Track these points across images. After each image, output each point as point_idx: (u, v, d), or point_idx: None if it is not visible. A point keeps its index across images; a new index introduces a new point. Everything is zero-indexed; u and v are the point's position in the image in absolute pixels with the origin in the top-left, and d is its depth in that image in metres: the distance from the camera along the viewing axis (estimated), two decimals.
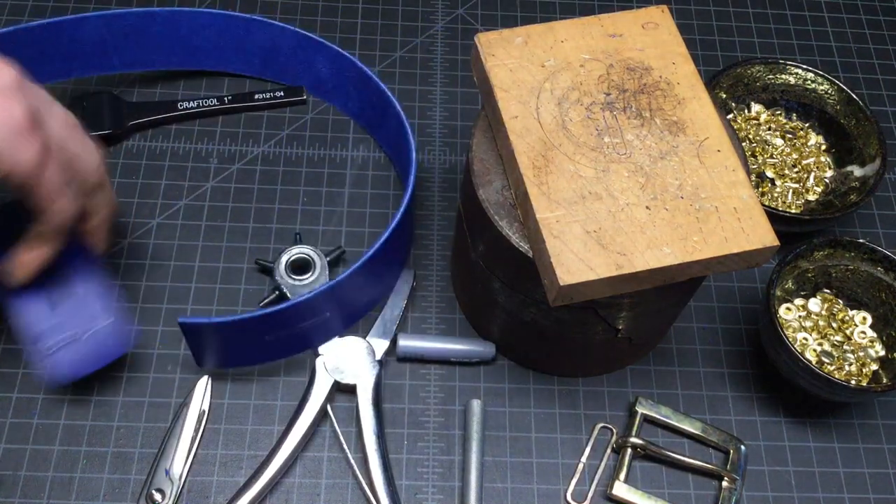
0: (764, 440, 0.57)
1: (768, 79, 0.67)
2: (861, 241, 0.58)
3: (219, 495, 0.53)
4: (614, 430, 0.56)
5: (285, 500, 0.53)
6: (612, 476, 0.55)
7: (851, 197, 0.63)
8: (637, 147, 0.46)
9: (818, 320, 0.60)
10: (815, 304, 0.60)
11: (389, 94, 0.61)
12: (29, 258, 0.49)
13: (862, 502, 0.56)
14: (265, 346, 0.55)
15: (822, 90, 0.66)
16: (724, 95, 0.67)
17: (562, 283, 0.42)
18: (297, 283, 0.58)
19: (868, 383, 0.57)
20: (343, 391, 0.56)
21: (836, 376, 0.55)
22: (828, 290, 0.61)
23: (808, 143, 0.68)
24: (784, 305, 0.60)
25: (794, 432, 0.58)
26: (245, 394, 0.57)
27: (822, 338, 0.59)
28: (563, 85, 0.48)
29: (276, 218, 0.63)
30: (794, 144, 0.67)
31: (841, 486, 0.56)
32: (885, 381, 0.56)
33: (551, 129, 0.46)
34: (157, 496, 0.52)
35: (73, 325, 0.53)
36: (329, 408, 0.55)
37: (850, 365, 0.58)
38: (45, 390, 0.56)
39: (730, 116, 0.68)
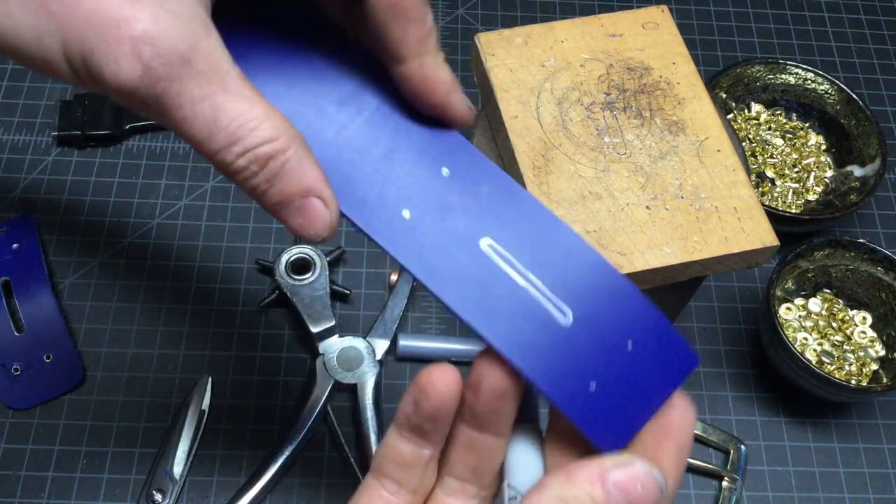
0: (764, 440, 0.57)
1: (768, 79, 0.67)
2: (861, 241, 0.58)
3: (219, 495, 0.53)
4: None
5: (285, 500, 0.53)
6: None
7: (851, 197, 0.63)
8: (637, 147, 0.46)
9: (818, 320, 0.60)
10: (815, 304, 0.60)
11: None
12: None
13: (862, 502, 0.56)
14: None
15: (822, 90, 0.66)
16: (724, 95, 0.67)
17: None
18: (297, 283, 0.58)
19: (868, 383, 0.57)
20: (343, 391, 0.56)
21: (836, 376, 0.55)
22: (828, 290, 0.61)
23: (808, 143, 0.68)
24: (784, 305, 0.60)
25: (794, 432, 0.58)
26: (245, 394, 0.57)
27: (822, 338, 0.59)
28: (563, 85, 0.48)
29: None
30: (794, 144, 0.67)
31: (841, 486, 0.56)
32: (885, 381, 0.56)
33: (551, 129, 0.46)
34: (157, 496, 0.52)
35: (37, 348, 0.54)
36: (329, 408, 0.55)
37: (850, 365, 0.58)
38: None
39: (730, 116, 0.68)
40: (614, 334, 0.29)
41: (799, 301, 0.60)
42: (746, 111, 0.69)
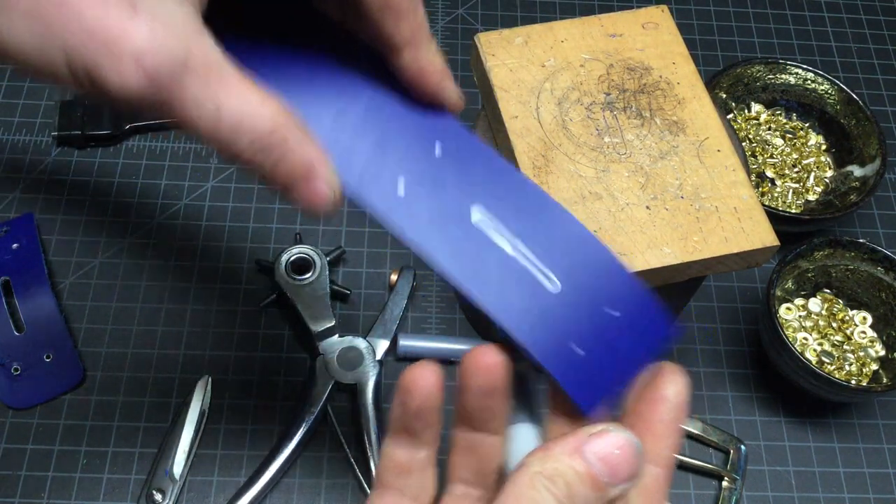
0: (764, 440, 0.57)
1: (768, 79, 0.67)
2: (861, 241, 0.58)
3: (219, 495, 0.53)
4: None
5: (285, 500, 0.53)
6: None
7: (851, 197, 0.63)
8: (637, 147, 0.46)
9: (818, 320, 0.60)
10: (815, 304, 0.60)
11: None
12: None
13: (862, 502, 0.56)
14: None
15: (822, 90, 0.66)
16: (724, 95, 0.67)
17: None
18: (297, 282, 0.58)
19: (868, 383, 0.57)
20: (343, 391, 0.56)
21: (836, 376, 0.55)
22: (828, 290, 0.61)
23: (808, 143, 0.68)
24: (784, 305, 0.60)
25: (794, 432, 0.58)
26: (245, 394, 0.57)
27: (822, 338, 0.59)
28: (563, 85, 0.48)
29: (276, 218, 0.63)
30: (794, 144, 0.67)
31: (841, 486, 0.56)
32: (885, 381, 0.56)
33: (551, 129, 0.46)
34: (157, 496, 0.52)
35: (37, 348, 0.54)
36: (329, 408, 0.55)
37: (850, 365, 0.58)
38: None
39: (730, 116, 0.68)
40: (600, 302, 0.30)
41: (799, 301, 0.60)
42: (746, 111, 0.69)
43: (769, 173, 0.66)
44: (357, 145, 0.31)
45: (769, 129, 0.68)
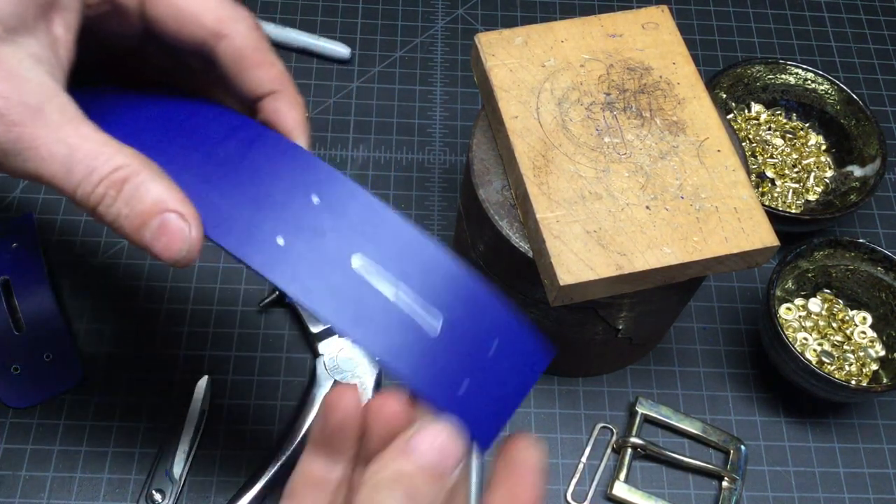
0: (764, 440, 0.57)
1: (768, 79, 0.67)
2: (861, 241, 0.58)
3: (219, 495, 0.53)
4: (614, 430, 0.56)
5: None
6: (612, 476, 0.55)
7: (851, 197, 0.63)
8: (637, 147, 0.46)
9: (818, 320, 0.60)
10: (815, 304, 0.60)
11: None
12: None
13: (862, 502, 0.56)
14: None
15: (822, 90, 0.66)
16: (724, 95, 0.67)
17: (562, 283, 0.42)
18: None
19: (868, 383, 0.57)
20: None
21: (836, 376, 0.55)
22: (828, 290, 0.61)
23: (808, 143, 0.68)
24: (784, 305, 0.60)
25: (794, 432, 0.58)
26: (245, 394, 0.57)
27: (822, 338, 0.59)
28: (563, 85, 0.48)
29: None
30: (794, 144, 0.67)
31: (841, 486, 0.56)
32: (885, 381, 0.56)
33: (551, 129, 0.46)
34: (157, 496, 0.52)
35: (37, 348, 0.55)
36: None
37: (850, 365, 0.58)
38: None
39: (730, 116, 0.68)
40: (479, 339, 0.31)
41: (799, 301, 0.60)
42: (746, 111, 0.69)
43: (769, 173, 0.66)
44: (234, 198, 0.32)
45: (769, 129, 0.68)
